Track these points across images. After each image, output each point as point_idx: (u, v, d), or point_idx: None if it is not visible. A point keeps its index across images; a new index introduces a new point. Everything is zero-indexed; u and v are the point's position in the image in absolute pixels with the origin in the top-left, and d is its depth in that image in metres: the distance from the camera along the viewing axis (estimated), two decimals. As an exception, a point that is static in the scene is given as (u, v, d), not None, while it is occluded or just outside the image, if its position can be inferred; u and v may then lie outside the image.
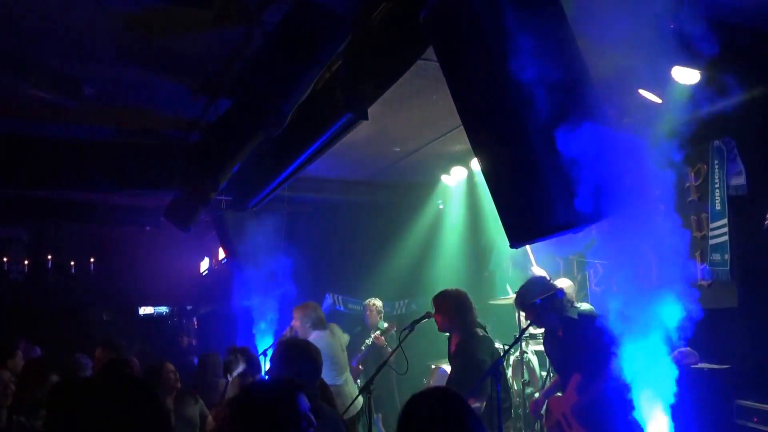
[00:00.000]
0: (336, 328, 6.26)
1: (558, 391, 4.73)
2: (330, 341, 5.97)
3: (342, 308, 8.86)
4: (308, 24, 4.01)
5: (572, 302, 4.61)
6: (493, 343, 5.03)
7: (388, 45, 4.23)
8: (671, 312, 3.08)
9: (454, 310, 4.93)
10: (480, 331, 4.89)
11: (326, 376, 5.93)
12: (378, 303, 7.69)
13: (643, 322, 3.13)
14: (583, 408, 4.30)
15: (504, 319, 7.16)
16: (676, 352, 3.85)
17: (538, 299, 4.35)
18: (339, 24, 4.01)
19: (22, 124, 6.70)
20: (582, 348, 4.23)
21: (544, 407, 4.87)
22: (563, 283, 5.50)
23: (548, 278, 5.00)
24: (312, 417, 2.48)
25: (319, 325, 5.98)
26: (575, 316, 4.39)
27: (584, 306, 4.80)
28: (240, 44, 4.84)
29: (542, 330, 6.68)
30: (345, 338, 6.41)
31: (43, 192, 8.78)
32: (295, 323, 6.02)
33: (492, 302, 7.25)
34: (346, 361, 6.23)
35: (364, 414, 5.10)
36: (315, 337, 5.83)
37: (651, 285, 3.07)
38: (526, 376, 6.24)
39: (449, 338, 5.54)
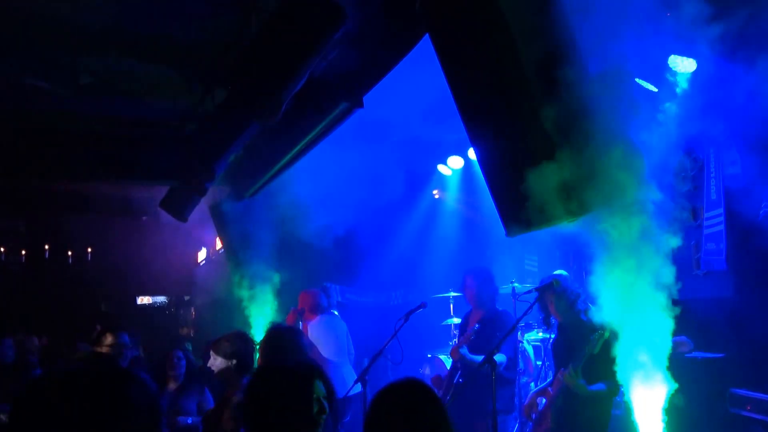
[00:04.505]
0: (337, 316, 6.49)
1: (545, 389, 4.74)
2: (331, 324, 6.26)
3: (339, 299, 8.87)
4: (305, 12, 3.99)
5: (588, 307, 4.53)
6: None
7: (384, 33, 4.22)
8: (666, 301, 3.10)
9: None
10: None
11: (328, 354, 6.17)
12: None
13: (638, 312, 3.14)
14: (556, 400, 4.33)
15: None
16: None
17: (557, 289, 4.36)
18: (335, 12, 3.99)
19: (18, 115, 6.68)
20: (577, 349, 4.24)
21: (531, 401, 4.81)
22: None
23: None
24: (325, 403, 2.45)
25: (318, 310, 6.28)
26: (584, 318, 4.36)
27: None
28: (236, 32, 4.82)
29: (535, 320, 6.75)
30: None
31: (40, 183, 8.76)
32: (300, 305, 6.21)
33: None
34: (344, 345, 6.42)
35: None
36: (318, 320, 6.15)
37: (646, 275, 3.08)
38: (521, 366, 6.27)
39: (467, 319, 5.55)
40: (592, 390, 4.07)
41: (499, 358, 5.04)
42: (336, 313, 6.98)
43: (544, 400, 4.58)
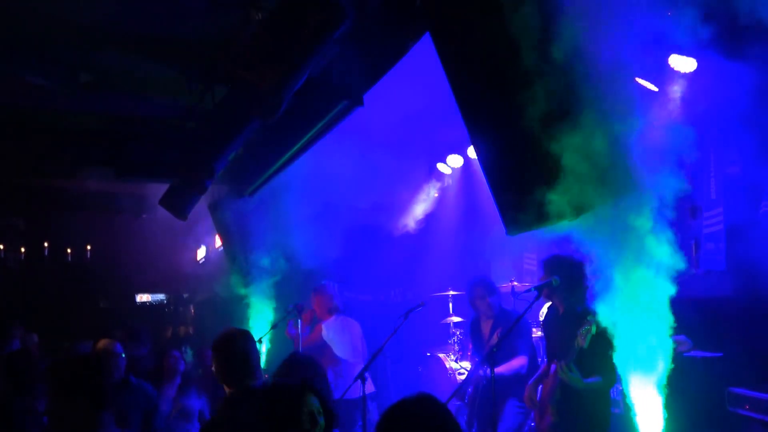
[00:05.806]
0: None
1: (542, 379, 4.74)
2: (346, 324, 6.20)
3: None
4: (305, 10, 4.00)
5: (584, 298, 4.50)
6: None
7: (384, 31, 4.23)
8: (664, 300, 3.11)
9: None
10: None
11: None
12: None
13: (637, 311, 3.15)
14: (554, 392, 4.35)
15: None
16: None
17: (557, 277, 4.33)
18: (336, 10, 3.99)
19: (18, 112, 6.68)
20: (567, 340, 4.24)
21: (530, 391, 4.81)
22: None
23: None
24: (318, 418, 2.50)
25: (333, 310, 6.25)
26: (578, 309, 4.36)
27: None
28: (236, 30, 4.83)
29: (534, 320, 6.75)
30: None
31: (39, 180, 8.77)
32: (315, 306, 6.18)
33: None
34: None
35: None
36: (333, 320, 6.14)
37: (645, 274, 3.08)
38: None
39: (478, 324, 5.54)
40: (588, 383, 4.10)
41: (520, 361, 5.07)
42: None
43: (540, 387, 4.62)
